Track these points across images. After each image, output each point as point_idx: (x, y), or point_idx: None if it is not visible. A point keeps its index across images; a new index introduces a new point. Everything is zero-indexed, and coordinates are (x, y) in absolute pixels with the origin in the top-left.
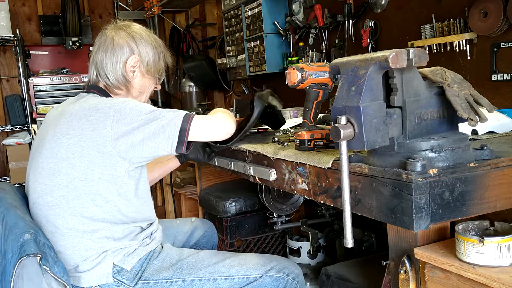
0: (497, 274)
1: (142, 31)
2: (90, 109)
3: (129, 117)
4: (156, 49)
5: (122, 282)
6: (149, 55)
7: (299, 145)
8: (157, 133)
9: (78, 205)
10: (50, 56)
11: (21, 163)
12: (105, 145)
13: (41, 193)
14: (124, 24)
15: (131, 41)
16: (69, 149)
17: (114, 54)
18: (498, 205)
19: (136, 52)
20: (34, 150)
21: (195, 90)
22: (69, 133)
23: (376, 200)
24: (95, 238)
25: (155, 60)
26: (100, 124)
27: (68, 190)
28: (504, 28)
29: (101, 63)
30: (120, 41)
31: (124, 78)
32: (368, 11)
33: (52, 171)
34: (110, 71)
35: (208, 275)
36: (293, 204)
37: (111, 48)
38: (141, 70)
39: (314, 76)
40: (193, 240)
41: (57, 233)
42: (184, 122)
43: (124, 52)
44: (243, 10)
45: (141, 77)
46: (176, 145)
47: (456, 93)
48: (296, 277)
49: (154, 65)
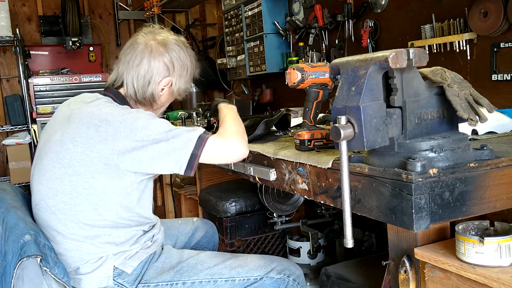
0: (497, 274)
1: (182, 50)
2: (100, 120)
3: (140, 135)
4: (189, 69)
5: (122, 285)
6: (183, 76)
7: (299, 145)
8: (167, 154)
9: (79, 212)
10: (50, 56)
11: (21, 163)
12: (112, 158)
13: (44, 196)
14: (166, 40)
15: (168, 61)
16: (75, 157)
17: (149, 71)
18: (498, 205)
19: (171, 75)
20: (41, 147)
21: (195, 90)
22: (76, 140)
23: (376, 200)
24: (97, 243)
25: (186, 86)
26: (109, 138)
27: (71, 197)
28: (504, 28)
29: (131, 74)
30: (158, 64)
31: (151, 96)
32: (368, 11)
33: (57, 176)
34: (139, 87)
35: (209, 277)
36: (293, 204)
37: (148, 64)
38: (171, 91)
39: (314, 76)
40: (194, 241)
41: (58, 236)
42: (196, 148)
43: (160, 72)
44: (243, 10)
45: (167, 96)
46: (185, 169)
47: (456, 93)
48: (297, 278)
49: (184, 90)
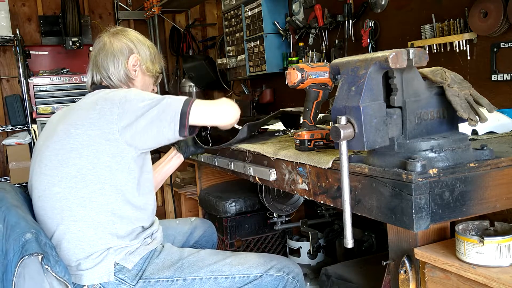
0: (497, 274)
1: (137, 34)
2: (97, 99)
3: (133, 104)
4: (151, 49)
5: (123, 280)
6: (147, 54)
7: (299, 145)
8: (159, 118)
9: (87, 195)
10: (50, 56)
11: (21, 163)
12: (113, 133)
13: (48, 185)
14: (118, 29)
15: (129, 42)
16: (77, 139)
17: (114, 56)
18: (498, 205)
19: (135, 52)
20: (38, 147)
21: (195, 90)
22: (77, 124)
23: (376, 200)
24: (99, 233)
25: (152, 60)
26: (107, 112)
27: (76, 181)
28: (504, 28)
29: (103, 66)
30: (118, 44)
31: (127, 77)
32: (368, 11)
33: (61, 163)
34: (112, 73)
35: (209, 274)
36: (293, 204)
37: (111, 51)
38: (142, 68)
39: (314, 76)
40: (193, 240)
41: (62, 225)
42: (184, 106)
43: (124, 53)
44: (243, 10)
45: (142, 76)
46: (179, 128)
47: (456, 93)
48: (296, 276)
49: (152, 64)
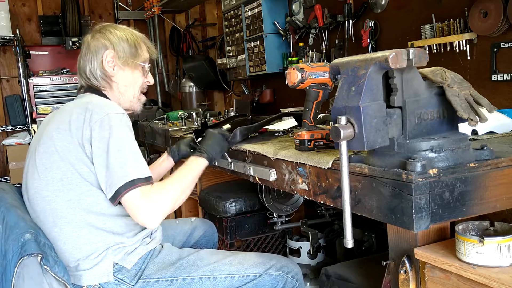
0: (497, 274)
1: (117, 29)
2: (81, 104)
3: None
4: (130, 41)
5: (122, 280)
6: (124, 47)
7: (299, 145)
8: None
9: (74, 197)
10: (50, 56)
11: (21, 163)
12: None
13: (37, 188)
14: (101, 26)
15: (104, 40)
16: (58, 143)
17: (90, 56)
18: (498, 205)
19: (110, 47)
20: (31, 151)
21: (195, 90)
22: (59, 128)
23: (376, 200)
24: (93, 231)
25: (131, 52)
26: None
27: (63, 184)
28: (504, 28)
29: (83, 67)
30: (94, 43)
31: (104, 75)
32: (368, 11)
33: (46, 166)
34: (90, 74)
35: (208, 273)
36: (293, 204)
37: (88, 51)
38: (119, 63)
39: (314, 76)
40: (193, 240)
41: (56, 227)
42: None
43: (99, 51)
44: (243, 10)
45: (121, 71)
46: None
47: (456, 93)
48: (295, 275)
49: (132, 56)
